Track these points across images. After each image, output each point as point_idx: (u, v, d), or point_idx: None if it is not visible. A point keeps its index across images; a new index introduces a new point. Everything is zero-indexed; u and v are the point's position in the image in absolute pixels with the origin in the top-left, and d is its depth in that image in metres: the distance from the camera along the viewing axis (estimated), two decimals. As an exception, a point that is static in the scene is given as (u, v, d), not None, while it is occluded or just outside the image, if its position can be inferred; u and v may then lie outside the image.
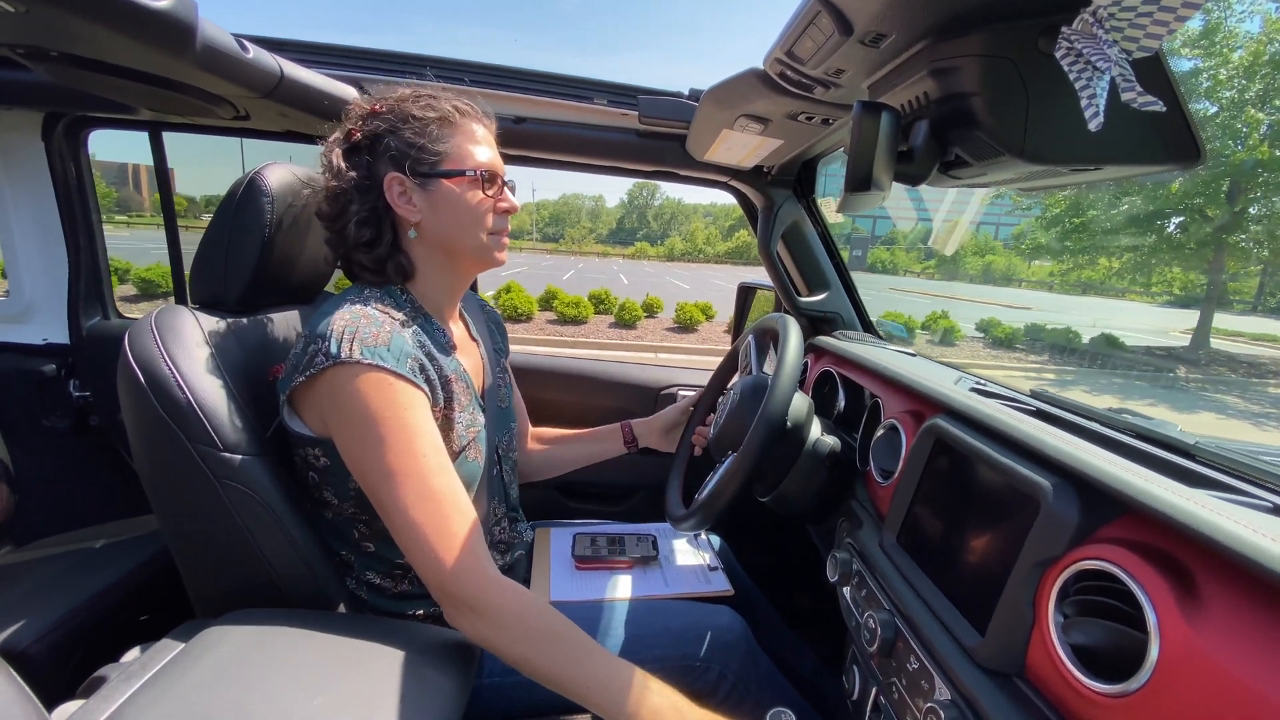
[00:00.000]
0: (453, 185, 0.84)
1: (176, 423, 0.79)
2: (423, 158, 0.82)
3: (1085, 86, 0.41)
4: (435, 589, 0.74)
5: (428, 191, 0.84)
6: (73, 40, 0.83)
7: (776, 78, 0.77)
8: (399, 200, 0.83)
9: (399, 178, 0.82)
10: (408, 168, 0.82)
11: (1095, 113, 0.41)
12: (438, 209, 0.84)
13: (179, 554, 0.89)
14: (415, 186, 0.83)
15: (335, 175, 0.82)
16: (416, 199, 0.84)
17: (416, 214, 0.84)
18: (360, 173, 0.82)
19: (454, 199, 0.84)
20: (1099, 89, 0.41)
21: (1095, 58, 0.40)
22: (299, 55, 1.12)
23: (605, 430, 1.28)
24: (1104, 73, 0.40)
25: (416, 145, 0.82)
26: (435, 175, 0.83)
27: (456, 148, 0.84)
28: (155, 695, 0.64)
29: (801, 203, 1.48)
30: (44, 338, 1.63)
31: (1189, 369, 11.85)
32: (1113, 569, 0.51)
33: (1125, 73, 0.39)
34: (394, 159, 0.82)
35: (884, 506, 0.91)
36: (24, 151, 1.53)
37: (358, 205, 0.82)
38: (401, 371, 0.76)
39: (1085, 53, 0.40)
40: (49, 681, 0.97)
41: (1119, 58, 0.39)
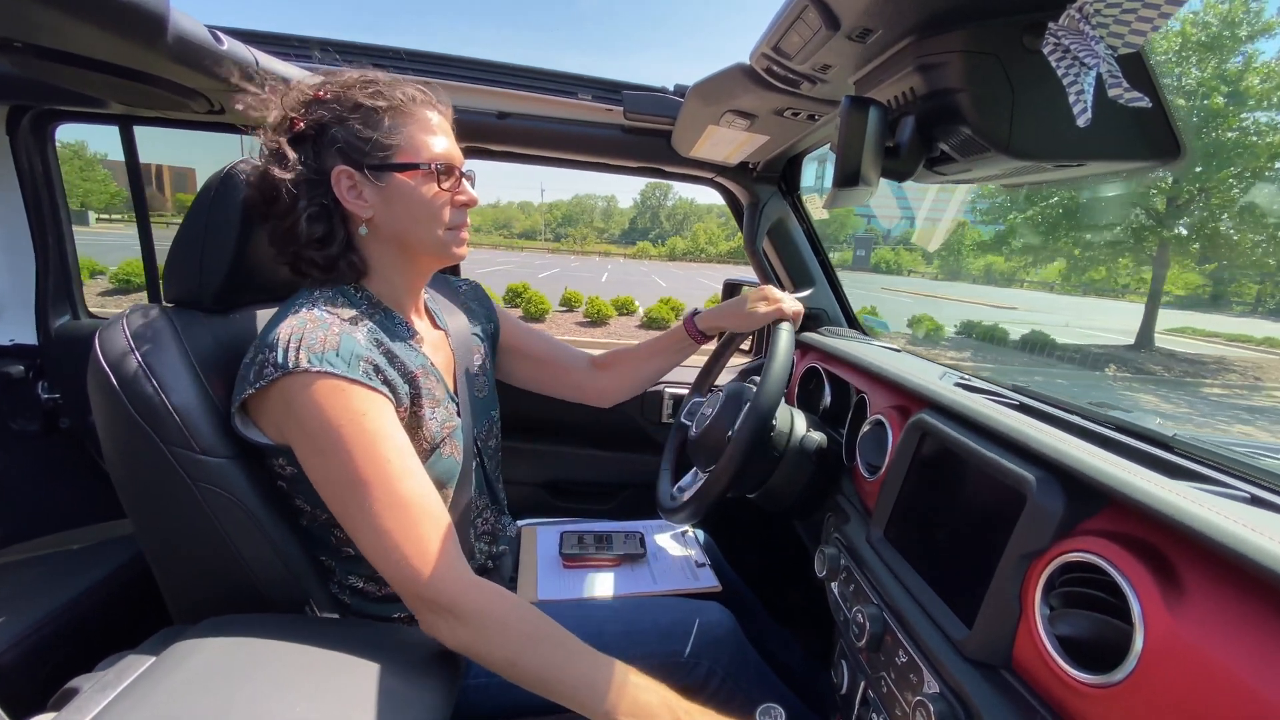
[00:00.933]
0: (406, 179, 0.79)
1: (150, 424, 0.77)
2: (373, 151, 0.78)
3: (1073, 82, 0.41)
4: (410, 597, 0.72)
5: (380, 185, 0.79)
6: (38, 30, 0.80)
7: (763, 73, 0.77)
8: (348, 195, 0.78)
9: (347, 171, 0.78)
10: (357, 161, 0.78)
11: (1084, 109, 0.41)
12: (391, 204, 0.80)
13: (155, 559, 0.87)
14: (366, 180, 0.79)
15: (281, 165, 0.77)
16: (368, 194, 0.79)
17: (368, 210, 0.80)
18: (305, 165, 0.77)
19: (408, 193, 0.80)
20: (1086, 85, 0.41)
21: (1083, 53, 0.40)
22: (274, 48, 1.09)
23: (671, 339, 1.18)
24: (1091, 69, 0.41)
25: (365, 137, 0.77)
26: (387, 168, 0.79)
27: (409, 138, 0.79)
28: (130, 706, 0.62)
29: (787, 199, 1.49)
30: (11, 338, 1.58)
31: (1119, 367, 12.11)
32: (1097, 560, 0.52)
33: (1112, 69, 0.40)
34: (341, 151, 0.78)
35: (871, 501, 0.92)
36: None
37: (306, 200, 0.77)
38: (354, 376, 0.72)
39: (1072, 49, 0.41)
40: (19, 693, 0.93)
41: (1105, 54, 0.39)
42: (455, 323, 1.01)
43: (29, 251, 1.56)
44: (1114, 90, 0.40)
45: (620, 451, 1.73)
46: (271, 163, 0.77)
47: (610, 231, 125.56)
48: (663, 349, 1.19)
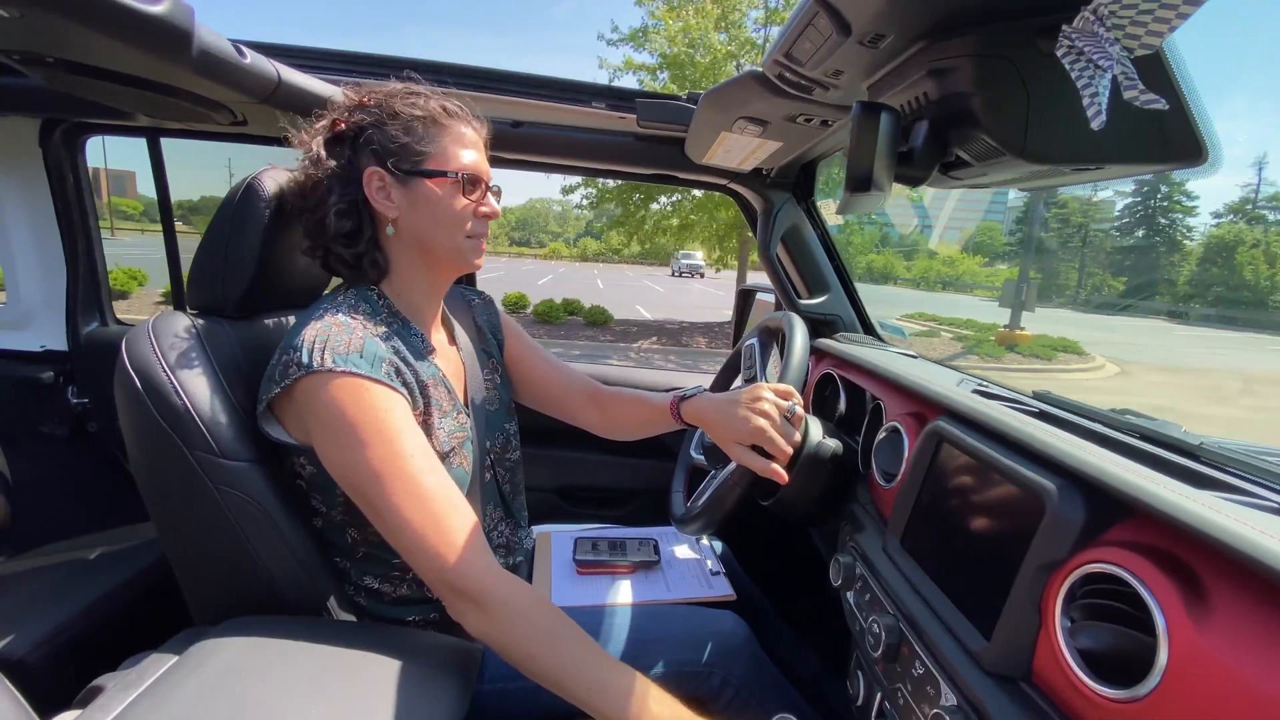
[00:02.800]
0: (434, 185, 0.83)
1: (173, 429, 0.78)
2: (405, 155, 0.82)
3: (1087, 85, 0.40)
4: (437, 584, 0.74)
5: (408, 189, 0.83)
6: (68, 46, 0.83)
7: (775, 79, 0.77)
8: (376, 195, 0.82)
9: (379, 172, 0.82)
10: (389, 164, 0.82)
11: (1098, 111, 0.40)
12: (416, 207, 0.83)
13: (177, 561, 0.88)
14: (395, 183, 0.83)
15: (314, 163, 0.82)
16: (395, 195, 0.83)
17: (394, 210, 0.83)
18: (340, 163, 0.82)
19: (434, 199, 0.83)
20: (1101, 87, 0.40)
21: (1097, 56, 0.39)
22: (296, 60, 1.12)
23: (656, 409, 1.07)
24: (1106, 71, 0.40)
25: (400, 142, 0.81)
26: (416, 174, 0.82)
27: (442, 149, 0.83)
28: (152, 705, 0.63)
29: (801, 205, 1.48)
30: (42, 344, 1.62)
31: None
32: (1119, 572, 0.51)
33: (1127, 71, 0.39)
34: (376, 153, 0.82)
35: (887, 509, 0.91)
36: (21, 158, 1.53)
37: (337, 196, 0.82)
38: (376, 375, 0.75)
39: (1087, 51, 0.40)
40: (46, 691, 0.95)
41: (1121, 56, 0.39)
42: (468, 336, 1.03)
43: (60, 261, 1.60)
44: (1129, 93, 0.39)
45: (634, 458, 1.73)
46: (309, 160, 0.83)
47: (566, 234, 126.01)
48: (649, 417, 1.09)
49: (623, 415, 1.12)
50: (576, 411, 1.15)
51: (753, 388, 0.93)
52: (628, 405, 1.11)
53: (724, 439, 0.93)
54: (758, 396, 0.91)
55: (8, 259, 1.59)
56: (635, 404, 1.11)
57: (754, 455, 0.89)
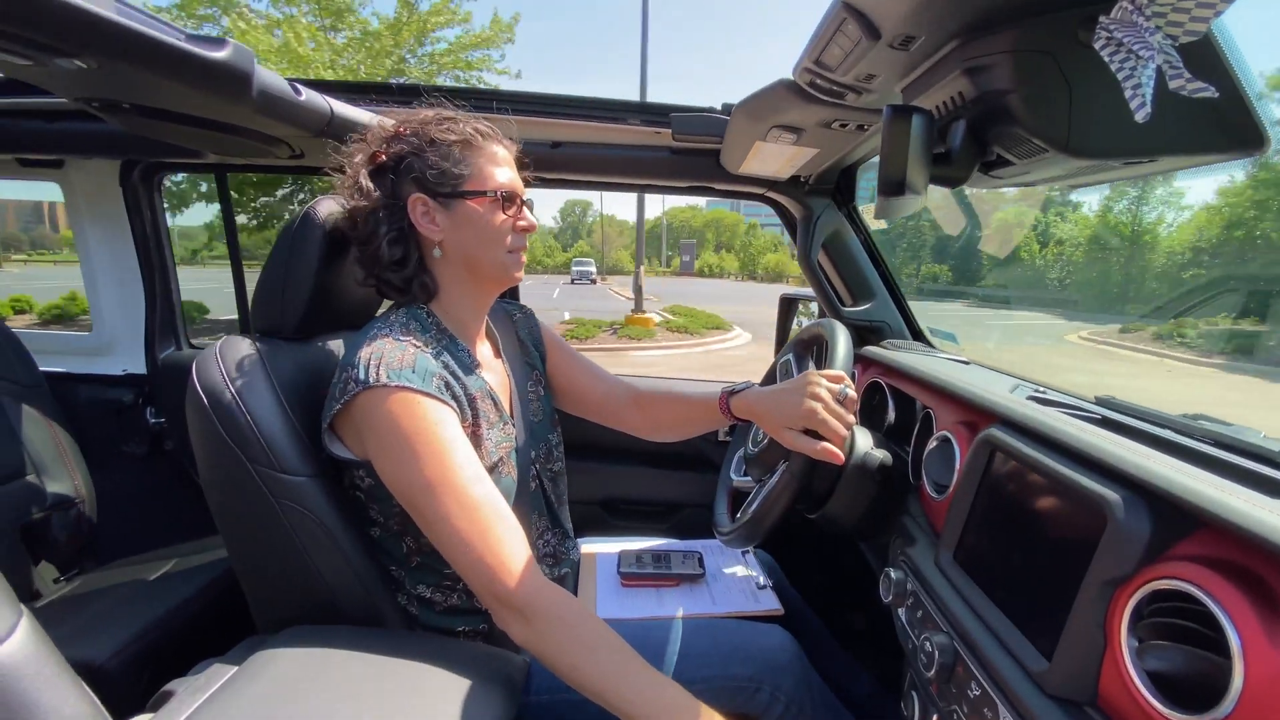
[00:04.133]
0: (474, 205, 0.87)
1: (238, 445, 0.83)
2: (444, 179, 0.85)
3: (1129, 77, 0.39)
4: (484, 594, 0.75)
5: (450, 211, 0.86)
6: (141, 92, 0.90)
7: (807, 87, 0.77)
8: (422, 220, 0.86)
9: (422, 198, 0.85)
10: (431, 189, 0.85)
11: (1142, 103, 0.38)
12: (460, 228, 0.87)
13: (242, 572, 0.93)
14: (438, 207, 0.86)
15: (363, 196, 0.85)
16: (439, 219, 0.86)
17: (439, 233, 0.87)
18: (385, 193, 0.85)
19: (475, 218, 0.87)
20: (1144, 78, 0.38)
21: (1137, 45, 0.38)
22: (345, 95, 1.18)
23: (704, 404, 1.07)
24: (1148, 61, 0.38)
25: (439, 167, 0.85)
26: (457, 195, 0.86)
27: (478, 169, 0.87)
28: (218, 710, 0.66)
29: (842, 210, 1.45)
30: (123, 369, 1.74)
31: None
32: (1190, 589, 0.48)
33: (1172, 59, 0.37)
34: (417, 180, 0.85)
35: (939, 522, 0.87)
36: (104, 197, 1.65)
37: (386, 226, 0.85)
38: (428, 390, 0.78)
39: (1126, 41, 0.38)
40: (122, 695, 1.02)
41: (1164, 44, 0.37)
42: (511, 348, 1.05)
43: (138, 291, 1.72)
44: (1175, 82, 0.37)
45: (676, 470, 1.72)
46: (355, 193, 0.86)
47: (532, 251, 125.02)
48: (694, 414, 1.09)
49: (667, 415, 1.12)
50: (620, 415, 1.15)
51: (804, 375, 0.92)
52: (672, 404, 1.12)
53: (776, 426, 0.92)
54: (810, 381, 0.90)
55: (93, 290, 1.72)
56: (680, 403, 1.11)
57: (807, 439, 0.88)
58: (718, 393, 1.05)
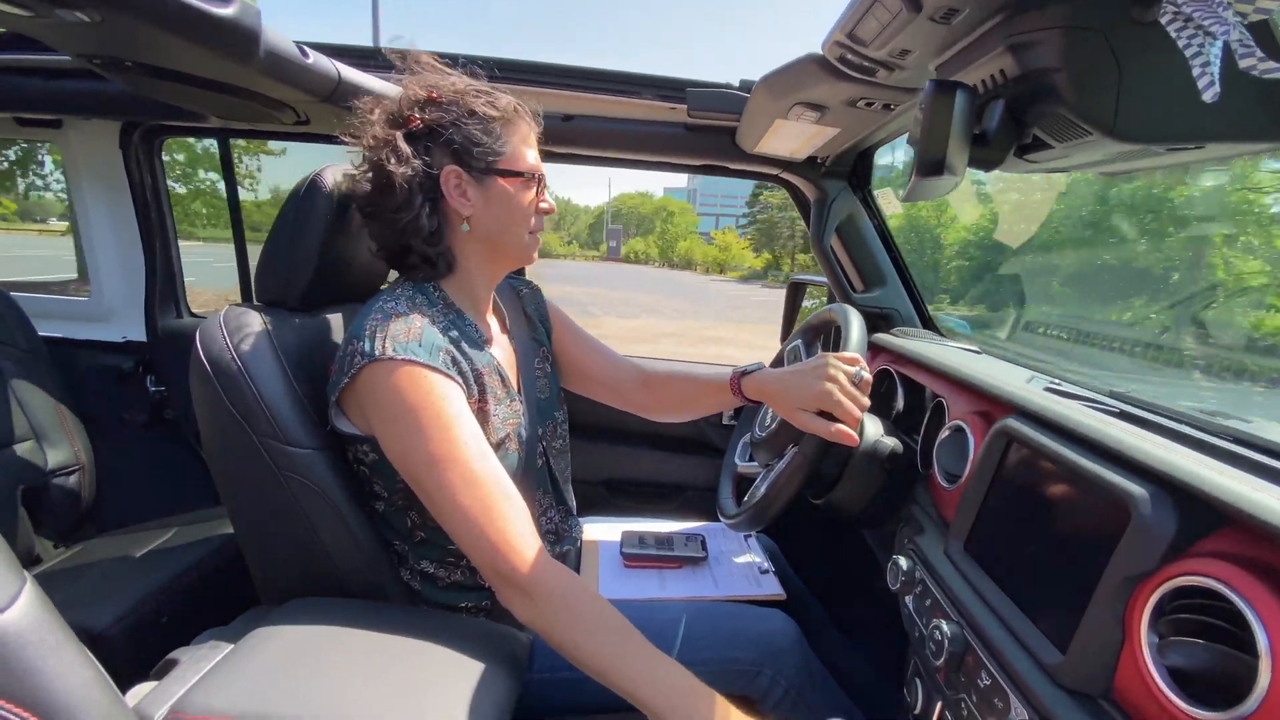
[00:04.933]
0: (507, 184, 0.85)
1: (243, 417, 0.82)
2: (482, 154, 0.83)
3: (1197, 54, 0.37)
4: (487, 570, 0.75)
5: (482, 187, 0.84)
6: (145, 49, 0.87)
7: (836, 62, 0.74)
8: (454, 193, 0.83)
9: (456, 170, 0.83)
10: (466, 162, 0.83)
11: (1211, 82, 0.37)
12: (490, 205, 0.85)
13: (245, 543, 0.92)
14: (471, 181, 0.84)
15: (401, 161, 0.81)
16: (471, 193, 0.84)
17: (470, 208, 0.85)
18: (418, 159, 0.82)
19: (508, 197, 0.86)
20: (1213, 55, 0.36)
21: (1208, 20, 0.36)
22: (354, 60, 1.14)
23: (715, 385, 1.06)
24: (1217, 38, 0.36)
25: (479, 141, 0.82)
26: (492, 172, 0.84)
27: (513, 148, 0.85)
28: (222, 680, 0.66)
29: (857, 194, 1.43)
30: (123, 335, 1.73)
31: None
32: (1217, 586, 0.47)
33: (1243, 37, 0.35)
34: (455, 152, 0.82)
35: (949, 512, 0.87)
36: (103, 160, 1.62)
37: (422, 196, 0.82)
38: (434, 364, 0.77)
39: (1196, 16, 0.36)
40: (123, 663, 1.02)
41: (1235, 20, 0.35)
42: (518, 324, 1.04)
43: (138, 256, 1.70)
44: (1245, 61, 0.36)
45: (681, 452, 1.72)
46: (387, 157, 0.80)
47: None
48: (705, 395, 1.10)
49: (675, 395, 1.12)
50: (626, 394, 1.15)
51: (818, 356, 0.91)
52: (680, 384, 1.12)
53: (789, 407, 0.91)
54: (824, 363, 0.89)
55: (92, 256, 1.69)
56: (688, 382, 1.11)
57: (821, 421, 0.87)
58: (728, 374, 1.04)
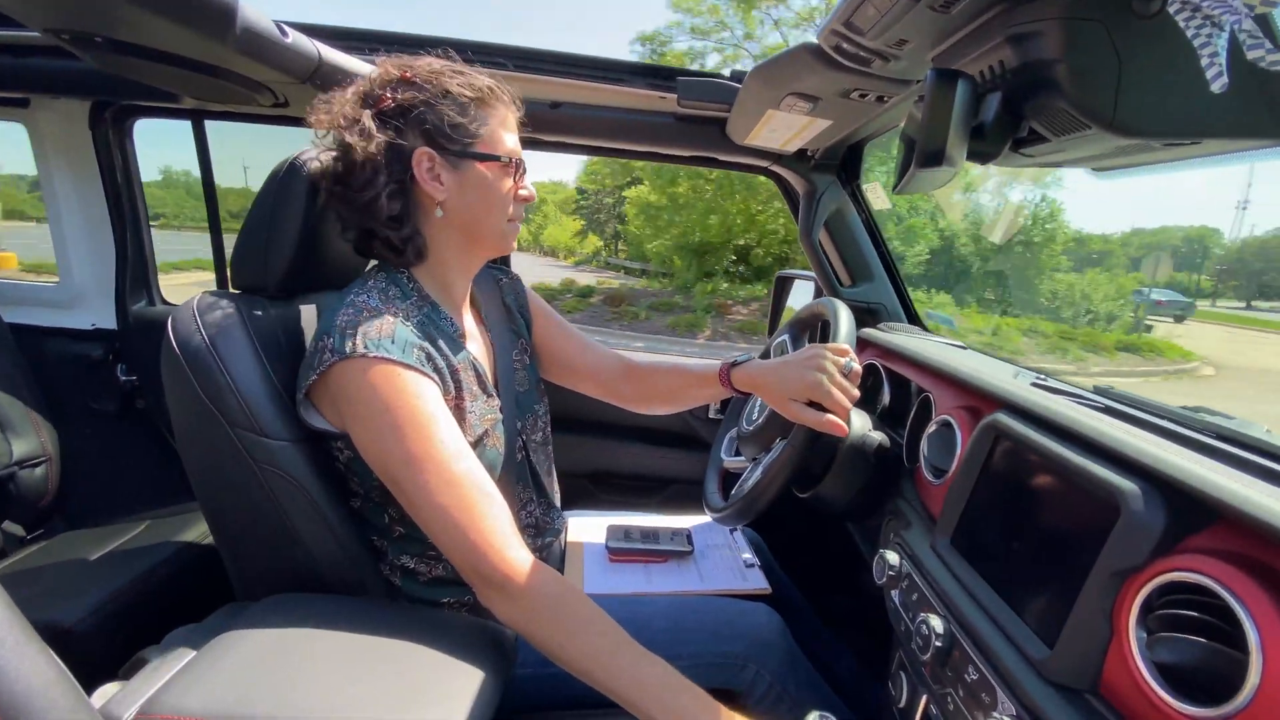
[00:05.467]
0: (484, 169, 0.82)
1: (217, 407, 0.79)
2: (457, 137, 0.80)
3: (1205, 44, 0.36)
4: (467, 570, 0.73)
5: (457, 172, 0.81)
6: (116, 24, 0.83)
7: (831, 51, 0.73)
8: (426, 176, 0.80)
9: (429, 153, 0.79)
10: (440, 145, 0.79)
11: (1219, 72, 0.36)
12: (465, 190, 0.82)
13: (220, 537, 0.90)
14: (445, 165, 0.80)
15: (364, 136, 0.77)
16: (445, 177, 0.81)
17: (443, 193, 0.81)
18: (391, 140, 0.78)
19: (484, 183, 0.82)
20: (1220, 46, 0.36)
21: (1217, 9, 0.35)
22: (336, 41, 1.11)
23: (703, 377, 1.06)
24: (1225, 29, 0.36)
25: (453, 122, 0.79)
26: (468, 156, 0.81)
27: (491, 131, 0.82)
28: (194, 679, 0.63)
29: (846, 189, 1.43)
30: (92, 323, 1.67)
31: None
32: (1207, 582, 0.47)
33: (1252, 28, 0.35)
34: (426, 133, 0.79)
35: (935, 506, 0.87)
36: (72, 141, 1.56)
37: (386, 176, 0.78)
38: (408, 361, 0.74)
39: (1204, 6, 0.36)
40: (92, 660, 0.99)
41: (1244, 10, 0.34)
42: (496, 316, 1.01)
43: (109, 242, 1.64)
44: (1254, 52, 0.35)
45: (666, 446, 1.71)
46: (354, 135, 0.77)
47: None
48: (691, 386, 1.08)
49: (661, 386, 1.11)
50: (611, 385, 1.13)
51: (808, 348, 0.92)
52: (667, 376, 1.11)
53: (779, 398, 0.91)
54: (815, 354, 0.89)
55: (60, 240, 1.63)
56: (675, 374, 1.10)
57: (811, 411, 0.87)
58: (715, 365, 1.03)
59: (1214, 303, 25.88)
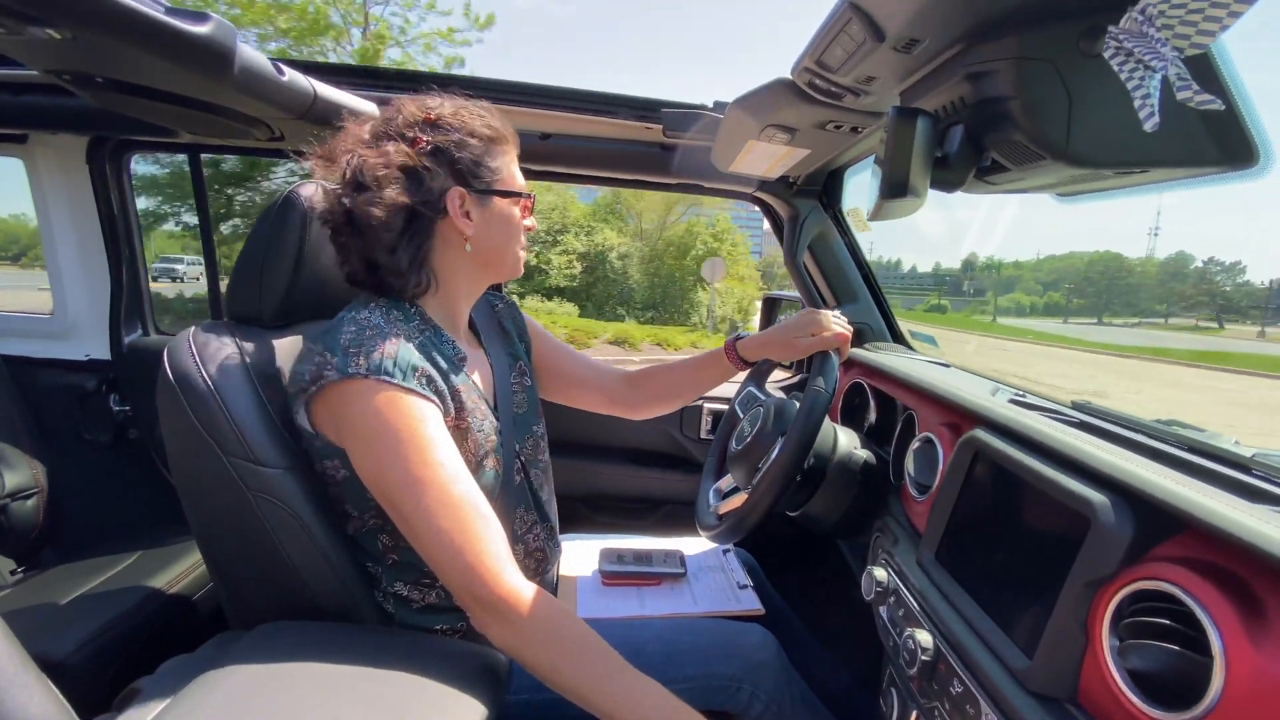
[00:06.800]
0: (505, 204, 0.87)
1: (212, 436, 0.80)
2: (482, 174, 0.84)
3: (1138, 86, 0.39)
4: (463, 594, 0.74)
5: (483, 208, 0.86)
6: (117, 66, 0.86)
7: (805, 87, 0.77)
8: (459, 213, 0.83)
9: (461, 192, 0.83)
10: (469, 183, 0.84)
11: (1151, 113, 0.39)
12: (490, 225, 0.87)
13: (214, 566, 0.90)
14: (474, 202, 0.85)
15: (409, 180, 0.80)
16: (474, 214, 0.85)
17: (472, 229, 0.85)
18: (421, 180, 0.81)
19: (505, 216, 0.88)
20: (1152, 88, 0.39)
21: (1148, 56, 0.38)
22: (327, 76, 1.14)
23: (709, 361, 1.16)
24: (1156, 71, 0.39)
25: (479, 162, 0.84)
26: (492, 193, 0.85)
27: (507, 167, 0.87)
28: (188, 710, 0.64)
29: (828, 212, 1.47)
30: (86, 354, 1.68)
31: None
32: (1173, 590, 0.49)
33: (1180, 71, 0.38)
34: (458, 173, 0.83)
35: (920, 522, 0.89)
36: (69, 175, 1.59)
37: (412, 215, 0.81)
38: (409, 385, 0.76)
39: (1136, 51, 0.39)
40: (85, 692, 0.98)
41: (1173, 56, 0.38)
42: (494, 339, 1.03)
43: (104, 273, 1.66)
44: (1183, 94, 0.38)
45: (658, 468, 1.72)
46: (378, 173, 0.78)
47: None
48: (699, 370, 1.17)
49: (665, 383, 1.17)
50: (614, 396, 1.18)
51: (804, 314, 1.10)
52: (669, 371, 1.18)
53: (788, 341, 1.09)
54: (809, 310, 1.10)
55: (55, 272, 1.65)
56: (677, 368, 1.18)
57: (819, 338, 1.06)
58: (716, 350, 1.15)
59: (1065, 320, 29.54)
